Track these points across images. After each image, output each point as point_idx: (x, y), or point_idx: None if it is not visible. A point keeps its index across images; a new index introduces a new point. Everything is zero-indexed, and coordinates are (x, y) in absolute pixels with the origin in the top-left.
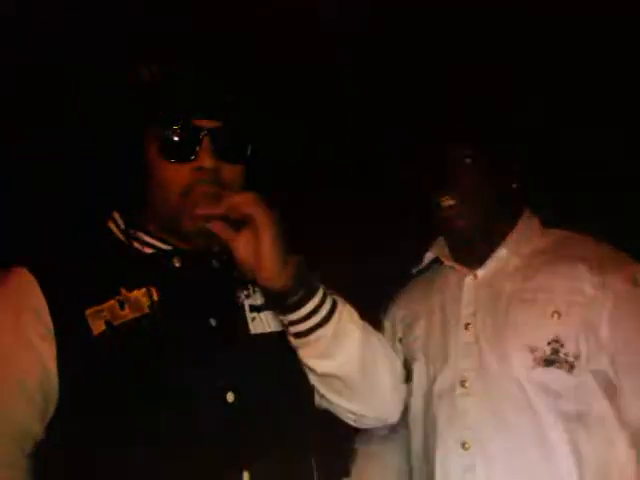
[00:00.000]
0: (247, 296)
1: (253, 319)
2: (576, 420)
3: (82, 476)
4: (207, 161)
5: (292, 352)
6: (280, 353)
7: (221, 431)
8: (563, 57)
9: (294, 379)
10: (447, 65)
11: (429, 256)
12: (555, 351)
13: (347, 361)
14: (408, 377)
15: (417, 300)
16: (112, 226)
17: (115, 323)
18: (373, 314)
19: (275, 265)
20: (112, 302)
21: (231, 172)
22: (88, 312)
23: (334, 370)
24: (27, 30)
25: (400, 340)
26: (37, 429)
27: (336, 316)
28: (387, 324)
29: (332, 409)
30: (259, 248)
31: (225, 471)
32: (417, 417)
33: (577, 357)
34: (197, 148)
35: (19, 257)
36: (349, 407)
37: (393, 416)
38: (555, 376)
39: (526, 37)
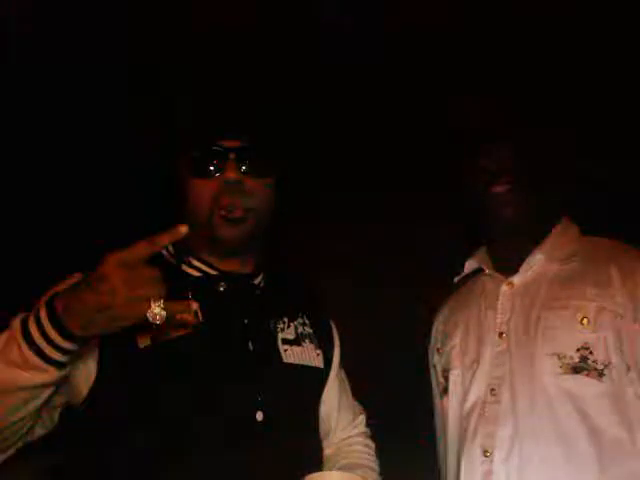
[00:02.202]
0: (282, 329)
1: (285, 350)
2: (603, 428)
3: None
4: (231, 174)
5: (314, 386)
6: (304, 384)
7: (249, 446)
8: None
9: (313, 409)
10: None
11: (470, 264)
12: (584, 358)
13: None
14: (445, 389)
15: (456, 310)
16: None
17: (160, 340)
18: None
19: None
20: None
21: (256, 185)
22: (137, 326)
23: None
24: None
25: (438, 350)
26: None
27: None
28: (432, 337)
29: None
30: None
31: None
32: (452, 424)
33: (607, 365)
34: (224, 165)
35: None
36: None
37: None
38: (583, 383)
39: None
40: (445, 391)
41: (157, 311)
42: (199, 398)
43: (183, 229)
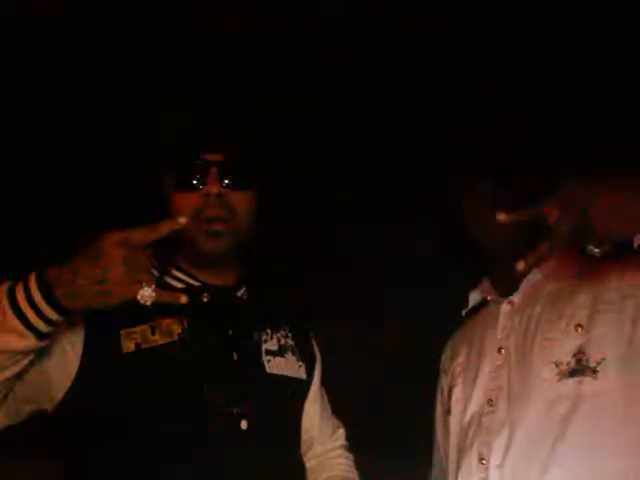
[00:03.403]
0: (265, 341)
1: (268, 361)
2: (597, 429)
3: None
4: (213, 188)
5: (297, 397)
6: (288, 394)
7: (233, 455)
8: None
9: (296, 419)
10: None
11: (474, 297)
12: (578, 361)
13: None
14: (449, 409)
15: (462, 335)
16: None
17: (144, 346)
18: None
19: None
20: (145, 327)
21: (238, 198)
22: (123, 332)
23: None
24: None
25: (445, 372)
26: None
27: None
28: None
29: None
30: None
31: None
32: (453, 439)
33: (600, 361)
34: (205, 178)
35: None
36: None
37: None
38: (579, 383)
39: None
40: (449, 411)
41: (148, 293)
42: (183, 406)
43: (182, 220)
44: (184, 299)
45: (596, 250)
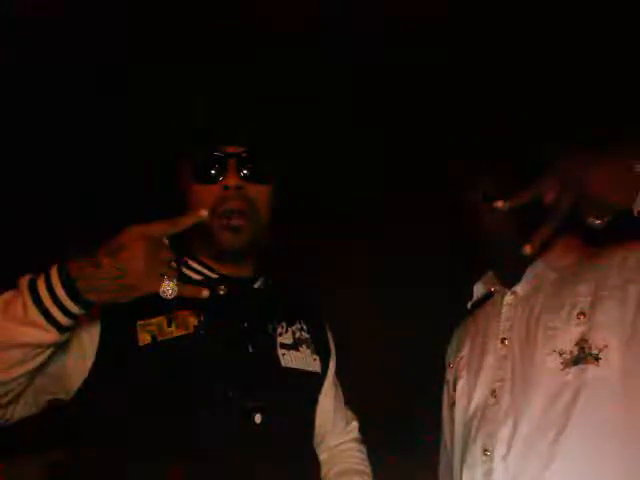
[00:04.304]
0: (280, 334)
1: (283, 354)
2: (602, 417)
3: None
4: (232, 180)
5: (312, 391)
6: (302, 388)
7: (247, 448)
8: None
9: (310, 413)
10: None
11: (478, 289)
12: (582, 349)
13: None
14: (454, 401)
15: (466, 328)
16: None
17: (160, 338)
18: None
19: None
20: (161, 318)
21: (256, 190)
22: (139, 323)
23: None
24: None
25: (449, 365)
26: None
27: None
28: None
29: None
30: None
31: None
32: (458, 431)
33: (602, 348)
34: (224, 171)
35: None
36: None
37: None
38: (581, 371)
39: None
40: (454, 403)
41: (171, 286)
42: (198, 399)
43: (203, 213)
44: (205, 293)
45: (597, 222)
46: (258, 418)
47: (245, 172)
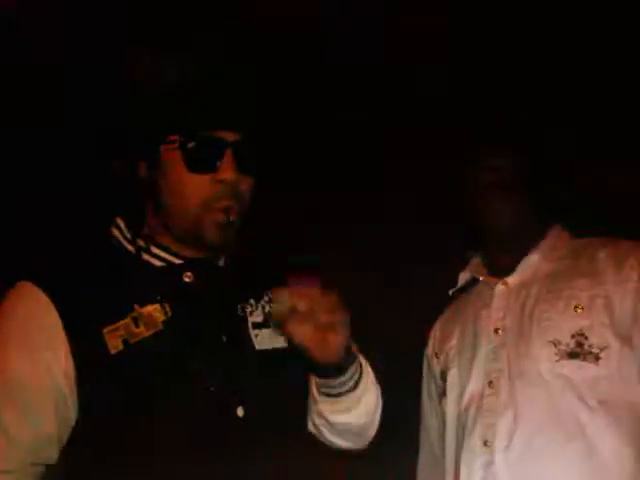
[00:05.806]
0: (250, 313)
1: (256, 336)
2: (602, 412)
3: None
4: (229, 174)
5: (292, 369)
6: (282, 369)
7: (231, 444)
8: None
9: (295, 395)
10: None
11: (464, 276)
12: (579, 344)
13: (364, 413)
14: (444, 391)
15: (452, 317)
16: (117, 234)
17: (132, 341)
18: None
19: (340, 357)
20: (127, 320)
21: (246, 184)
22: (105, 331)
23: (350, 420)
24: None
25: (436, 355)
26: (50, 452)
27: (364, 378)
28: (428, 349)
29: (319, 437)
30: (330, 345)
31: None
32: (450, 422)
33: (603, 348)
34: (219, 161)
35: (23, 272)
36: (342, 445)
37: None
38: (579, 367)
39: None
40: (444, 393)
41: None
42: (177, 397)
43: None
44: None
45: None
46: (240, 411)
47: (240, 164)
